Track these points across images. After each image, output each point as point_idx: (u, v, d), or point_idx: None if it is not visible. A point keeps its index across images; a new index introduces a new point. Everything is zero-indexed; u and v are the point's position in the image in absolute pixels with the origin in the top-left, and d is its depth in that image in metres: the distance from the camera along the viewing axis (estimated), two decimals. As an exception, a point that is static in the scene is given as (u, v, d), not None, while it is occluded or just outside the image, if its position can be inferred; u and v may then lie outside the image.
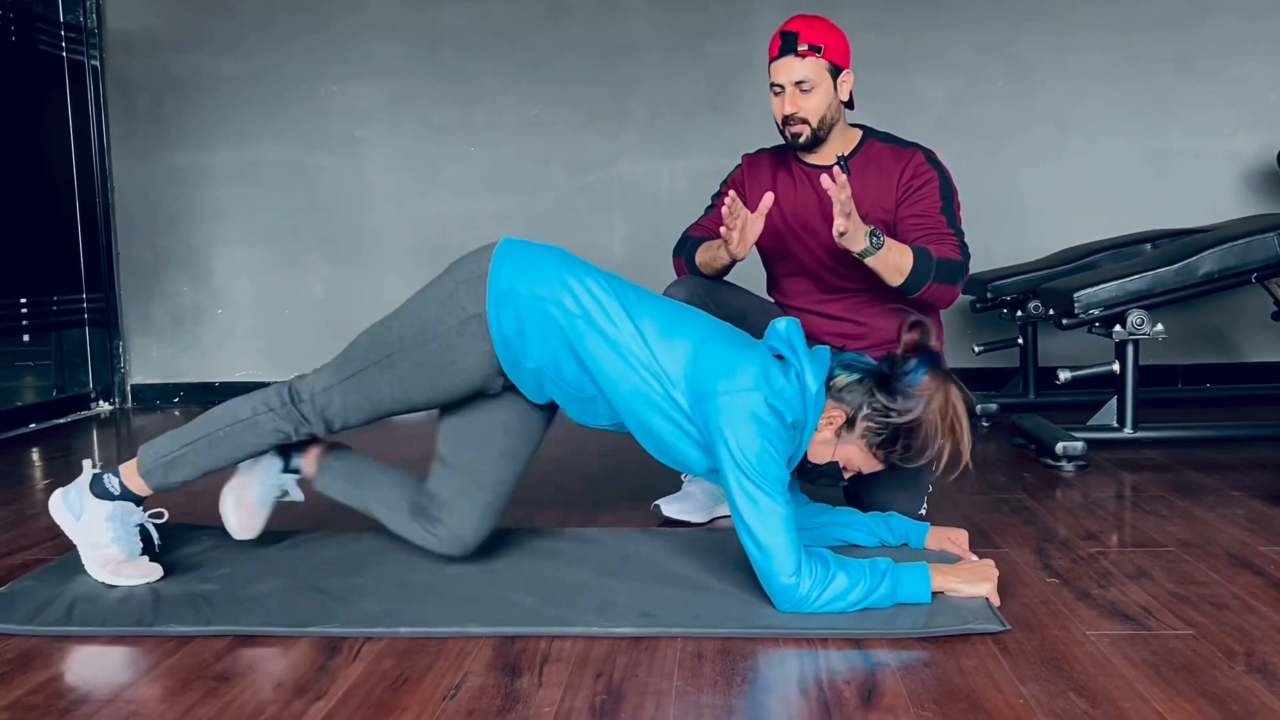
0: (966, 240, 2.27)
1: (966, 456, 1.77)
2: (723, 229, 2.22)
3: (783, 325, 1.85)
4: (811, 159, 2.39)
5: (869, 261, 2.14)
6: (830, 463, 1.84)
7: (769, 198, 2.18)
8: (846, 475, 1.88)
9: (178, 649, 1.68)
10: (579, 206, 4.38)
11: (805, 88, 2.27)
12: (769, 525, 1.69)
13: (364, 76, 4.39)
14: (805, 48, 2.26)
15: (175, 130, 4.45)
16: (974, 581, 1.76)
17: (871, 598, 1.70)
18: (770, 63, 2.30)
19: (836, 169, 2.08)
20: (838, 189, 1.99)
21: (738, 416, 1.72)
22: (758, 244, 2.35)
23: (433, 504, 1.99)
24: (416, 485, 2.05)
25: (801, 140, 2.32)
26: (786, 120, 2.30)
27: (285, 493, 2.12)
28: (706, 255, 2.36)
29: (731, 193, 2.21)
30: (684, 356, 1.81)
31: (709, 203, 2.53)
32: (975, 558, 1.94)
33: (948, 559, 1.92)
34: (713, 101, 4.28)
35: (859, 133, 2.39)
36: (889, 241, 2.15)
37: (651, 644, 1.65)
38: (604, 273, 1.93)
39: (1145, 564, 2.00)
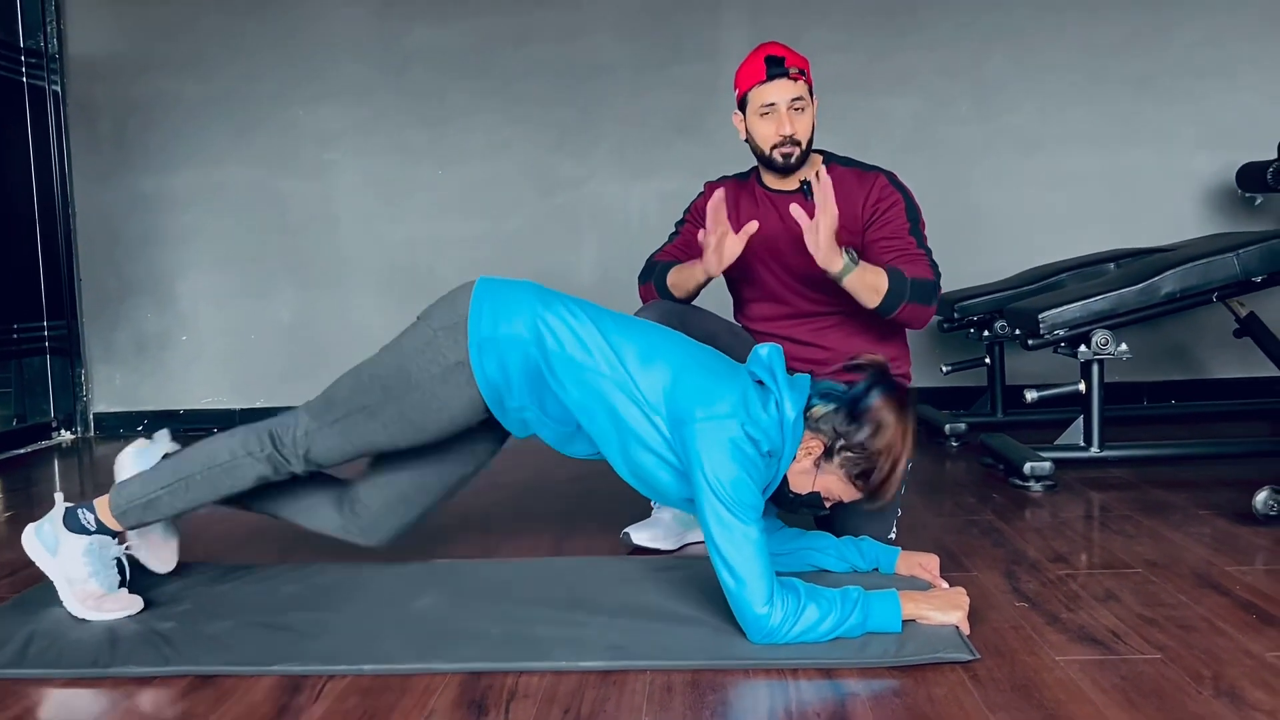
0: (935, 259, 2.29)
1: (894, 485, 1.81)
2: (701, 232, 2.20)
3: (765, 351, 1.85)
4: (774, 184, 2.40)
5: (846, 282, 2.15)
6: (812, 492, 1.83)
7: (753, 225, 2.19)
8: (828, 504, 1.88)
9: (135, 691, 1.64)
10: (549, 228, 4.37)
11: (799, 106, 2.29)
12: (743, 553, 1.69)
13: (331, 98, 4.37)
14: (795, 70, 2.28)
15: (139, 154, 4.41)
16: (945, 609, 1.76)
17: (843, 628, 1.69)
18: (756, 86, 2.29)
19: (818, 184, 2.08)
20: (823, 197, 2.02)
21: (714, 443, 1.72)
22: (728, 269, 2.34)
23: (357, 504, 2.05)
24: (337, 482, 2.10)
25: (793, 161, 2.31)
26: (781, 142, 2.29)
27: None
28: (679, 276, 2.36)
29: (719, 192, 2.20)
30: (663, 382, 1.82)
31: (674, 229, 2.52)
32: (946, 584, 1.94)
33: (918, 585, 1.92)
34: (681, 123, 4.29)
35: (819, 157, 2.40)
36: (863, 262, 2.16)
37: (620, 677, 1.63)
38: (580, 301, 1.93)
39: (1113, 586, 2.00)
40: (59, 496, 2.02)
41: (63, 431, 4.42)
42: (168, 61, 4.38)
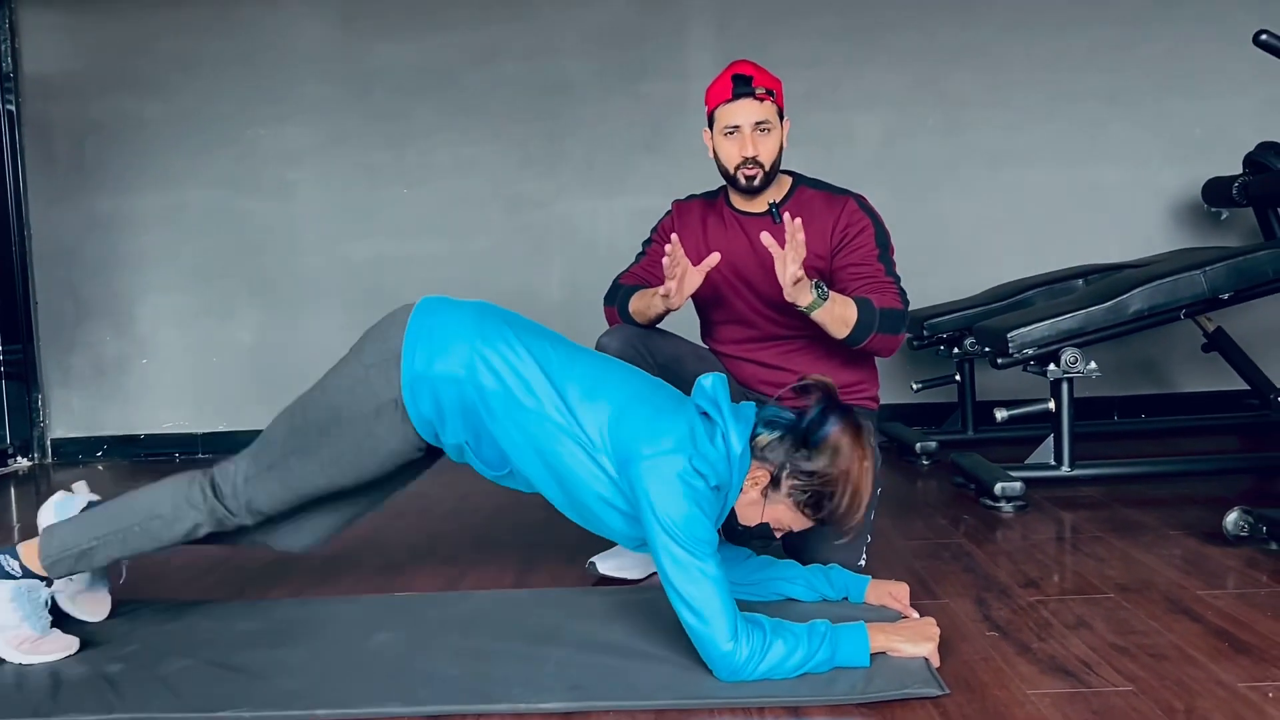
0: (904, 285, 2.26)
1: (860, 513, 1.76)
2: (665, 274, 2.15)
3: (709, 382, 1.80)
4: (742, 205, 2.36)
5: (815, 315, 2.12)
6: (761, 524, 1.79)
7: (715, 256, 2.14)
8: (778, 535, 1.84)
9: (77, 740, 1.58)
10: (516, 247, 4.32)
11: (764, 128, 2.25)
12: (702, 591, 1.64)
13: (294, 118, 4.31)
14: (762, 90, 2.24)
15: (97, 175, 4.33)
16: (916, 641, 1.72)
17: (810, 663, 1.64)
18: (722, 105, 2.25)
19: (786, 218, 2.05)
20: (791, 234, 1.99)
21: (662, 480, 1.67)
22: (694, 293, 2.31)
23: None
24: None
25: (756, 183, 2.27)
26: (743, 163, 2.25)
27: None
28: (640, 303, 2.32)
29: (675, 237, 2.16)
30: (607, 419, 1.76)
31: (640, 249, 2.48)
32: (916, 614, 1.90)
33: (888, 616, 1.88)
34: (648, 141, 4.26)
35: (788, 179, 2.37)
36: (833, 294, 2.13)
37: (582, 718, 1.58)
38: (525, 328, 1.87)
39: (1085, 613, 1.97)
40: None
41: (19, 458, 4.32)
42: (126, 81, 4.30)
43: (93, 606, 2.06)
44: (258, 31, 4.30)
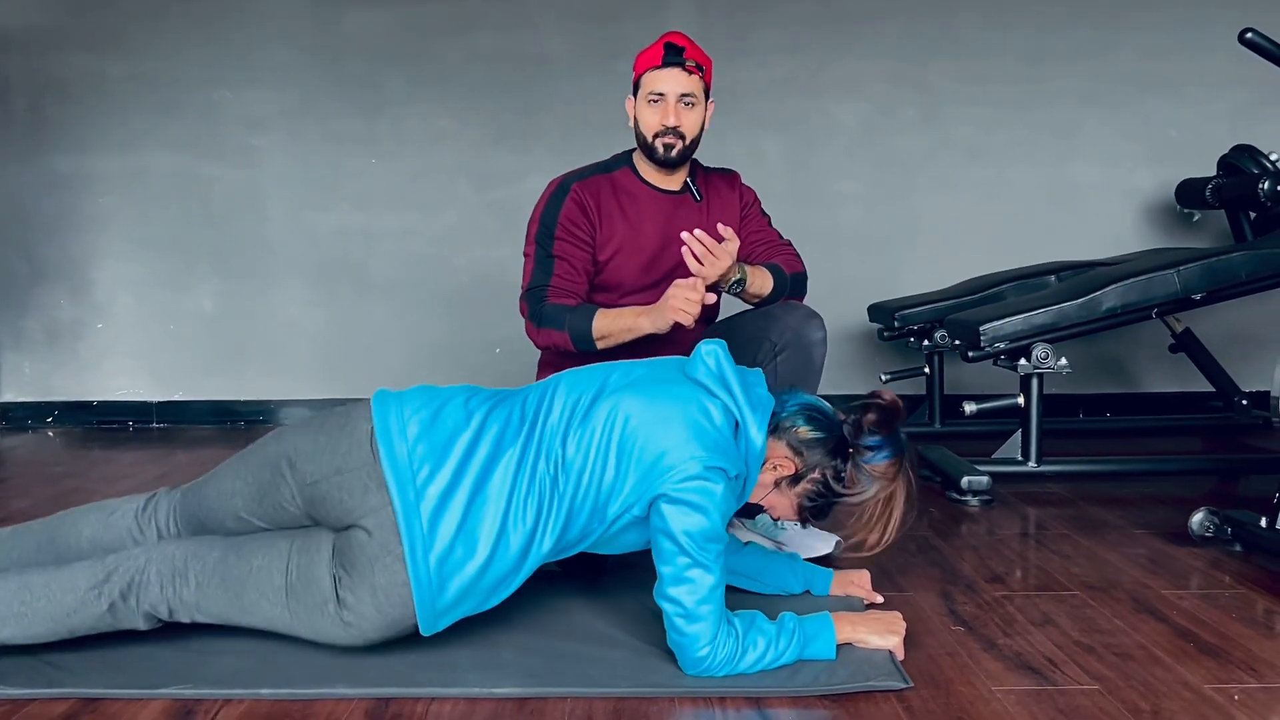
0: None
1: (884, 546, 1.67)
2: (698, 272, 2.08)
3: (713, 361, 1.67)
4: (656, 180, 2.34)
5: (736, 293, 2.23)
6: (755, 504, 1.74)
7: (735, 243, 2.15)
8: (769, 514, 1.79)
9: (13, 714, 1.51)
10: (487, 224, 4.24)
11: (689, 101, 2.24)
12: (698, 592, 1.56)
13: (261, 83, 4.20)
14: (692, 64, 2.23)
15: (55, 134, 4.19)
16: (882, 634, 1.69)
17: (779, 660, 1.60)
18: (650, 71, 2.24)
19: (723, 229, 2.14)
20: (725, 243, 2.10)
21: (681, 489, 1.56)
22: (617, 279, 2.29)
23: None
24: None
25: (674, 155, 2.26)
26: (663, 132, 2.24)
27: None
28: (615, 325, 2.15)
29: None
30: (615, 438, 1.62)
31: (543, 253, 2.29)
32: (880, 598, 1.88)
33: (853, 604, 1.85)
34: (625, 118, 4.18)
35: (692, 164, 2.41)
36: (750, 272, 2.23)
37: (538, 705, 1.53)
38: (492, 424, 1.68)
39: (1050, 610, 1.95)
40: None
41: (-34, 422, 4.19)
42: (88, 37, 4.17)
43: None
44: (226, -8, 4.18)
